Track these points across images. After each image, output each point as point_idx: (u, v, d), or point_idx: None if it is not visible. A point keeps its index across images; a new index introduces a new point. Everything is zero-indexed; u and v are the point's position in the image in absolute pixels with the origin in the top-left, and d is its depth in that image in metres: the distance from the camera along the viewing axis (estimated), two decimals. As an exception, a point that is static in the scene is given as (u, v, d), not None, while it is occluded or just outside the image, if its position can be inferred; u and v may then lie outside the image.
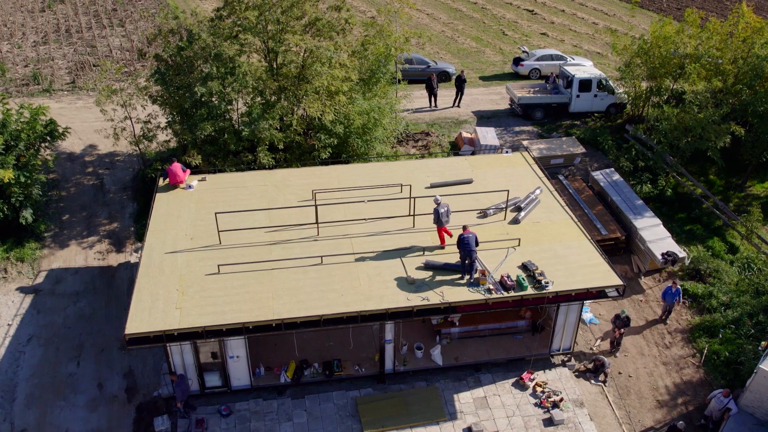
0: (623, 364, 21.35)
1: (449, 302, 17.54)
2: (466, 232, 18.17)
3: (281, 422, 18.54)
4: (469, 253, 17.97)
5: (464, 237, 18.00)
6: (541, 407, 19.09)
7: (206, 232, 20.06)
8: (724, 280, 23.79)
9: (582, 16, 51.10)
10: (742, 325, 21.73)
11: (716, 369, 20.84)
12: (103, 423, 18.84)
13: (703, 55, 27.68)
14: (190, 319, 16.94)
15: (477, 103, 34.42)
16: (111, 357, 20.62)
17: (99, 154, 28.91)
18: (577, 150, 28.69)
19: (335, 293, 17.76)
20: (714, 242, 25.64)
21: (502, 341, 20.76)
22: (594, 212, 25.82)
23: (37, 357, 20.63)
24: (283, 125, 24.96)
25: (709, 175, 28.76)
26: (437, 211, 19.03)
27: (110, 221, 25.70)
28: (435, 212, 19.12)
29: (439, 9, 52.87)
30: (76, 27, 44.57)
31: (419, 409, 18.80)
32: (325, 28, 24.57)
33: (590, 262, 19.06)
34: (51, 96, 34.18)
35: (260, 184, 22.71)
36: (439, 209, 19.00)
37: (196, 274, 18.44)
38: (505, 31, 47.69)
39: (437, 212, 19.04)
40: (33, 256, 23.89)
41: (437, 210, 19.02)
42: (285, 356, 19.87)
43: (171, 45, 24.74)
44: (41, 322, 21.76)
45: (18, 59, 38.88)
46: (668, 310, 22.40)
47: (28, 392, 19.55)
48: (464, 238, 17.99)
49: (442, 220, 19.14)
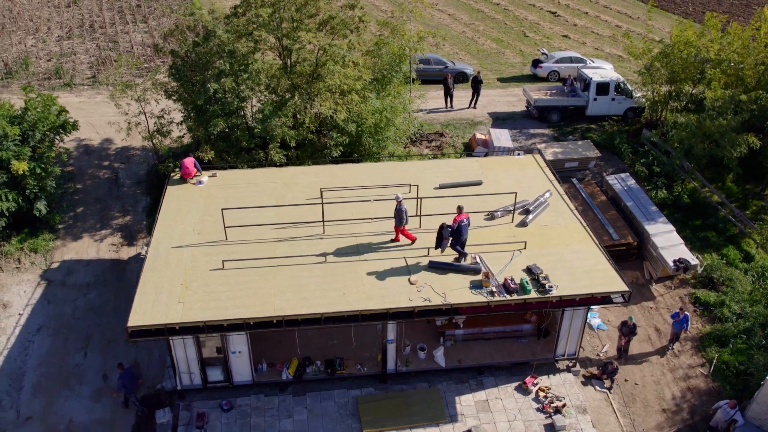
0: (630, 371, 21.06)
1: (451, 303, 17.45)
2: (463, 216, 18.24)
3: (281, 419, 18.60)
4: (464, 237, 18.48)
5: (464, 224, 18.31)
6: (543, 412, 18.91)
7: (213, 228, 20.20)
8: (737, 289, 23.34)
9: (605, 19, 50.53)
10: (753, 336, 21.31)
11: (725, 379, 20.46)
12: (106, 414, 19.08)
13: (724, 60, 27.17)
14: (192, 313, 17.07)
15: (493, 105, 34.21)
16: (117, 349, 20.86)
17: (115, 148, 29.29)
18: (592, 154, 28.36)
19: (337, 292, 17.78)
20: (729, 250, 25.16)
21: (506, 344, 20.60)
22: (607, 217, 25.50)
23: (46, 347, 20.94)
24: (296, 123, 25.04)
25: (726, 182, 28.24)
26: (400, 210, 18.89)
27: (123, 215, 26.01)
28: (397, 212, 18.95)
29: (460, 9, 52.64)
30: (99, 22, 45.17)
31: (420, 410, 18.74)
32: (338, 27, 24.60)
33: (597, 267, 18.84)
34: (72, 90, 34.70)
35: (270, 181, 22.80)
36: (401, 207, 18.88)
37: (201, 269, 18.59)
38: (527, 32, 47.33)
39: (400, 211, 18.90)
40: (46, 247, 24.27)
41: (400, 209, 18.88)
42: (288, 353, 19.92)
43: (187, 41, 24.96)
44: (51, 313, 22.10)
45: (42, 53, 39.54)
46: (675, 337, 21.33)
47: (35, 381, 19.87)
48: (464, 225, 18.31)
49: (402, 219, 19.03)
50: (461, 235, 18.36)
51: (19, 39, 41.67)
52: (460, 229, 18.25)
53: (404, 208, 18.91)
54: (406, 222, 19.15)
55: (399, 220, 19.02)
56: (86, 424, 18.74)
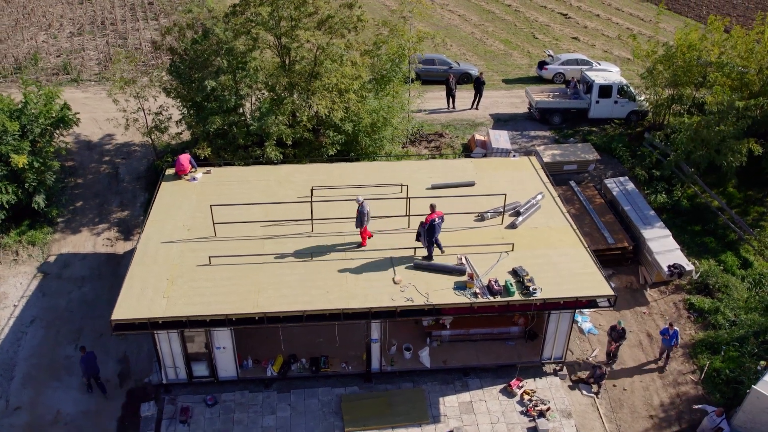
0: (619, 376, 20.87)
1: (433, 304, 17.43)
2: (437, 214, 18.27)
3: (264, 415, 18.70)
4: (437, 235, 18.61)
5: (436, 223, 18.30)
6: (527, 416, 18.81)
7: (203, 224, 20.34)
8: (732, 296, 23.05)
9: (616, 21, 50.10)
10: (746, 344, 21.03)
11: (715, 387, 20.22)
12: (93, 405, 19.31)
13: (726, 64, 26.82)
14: (176, 308, 17.22)
15: (496, 106, 34.07)
16: (108, 342, 21.06)
17: (117, 143, 29.59)
18: (591, 157, 28.13)
19: (320, 290, 17.83)
20: (727, 256, 24.83)
21: (493, 346, 20.52)
22: (603, 220, 25.30)
23: (38, 338, 21.23)
24: (293, 121, 25.13)
25: (728, 187, 27.87)
26: (361, 212, 18.87)
27: (121, 209, 26.28)
28: (359, 213, 18.93)
29: (471, 10, 52.50)
30: (111, 19, 45.66)
31: (403, 410, 18.73)
32: (336, 26, 24.66)
33: (583, 270, 18.69)
34: (78, 86, 35.12)
35: (263, 179, 22.92)
36: (363, 209, 18.86)
37: (188, 265, 18.73)
38: (536, 34, 47.06)
39: (362, 213, 18.88)
40: (44, 240, 24.60)
41: (362, 211, 18.86)
42: (274, 350, 20.00)
43: (186, 39, 25.17)
44: (45, 305, 22.40)
45: (52, 49, 40.06)
46: (665, 353, 20.84)
47: (25, 372, 20.15)
48: (437, 224, 18.34)
49: (364, 221, 19.03)
50: (434, 233, 18.38)
51: (31, 35, 42.26)
52: (433, 228, 18.26)
53: (366, 209, 18.92)
54: (367, 222, 19.18)
55: (360, 222, 19.05)
56: (73, 415, 18.98)
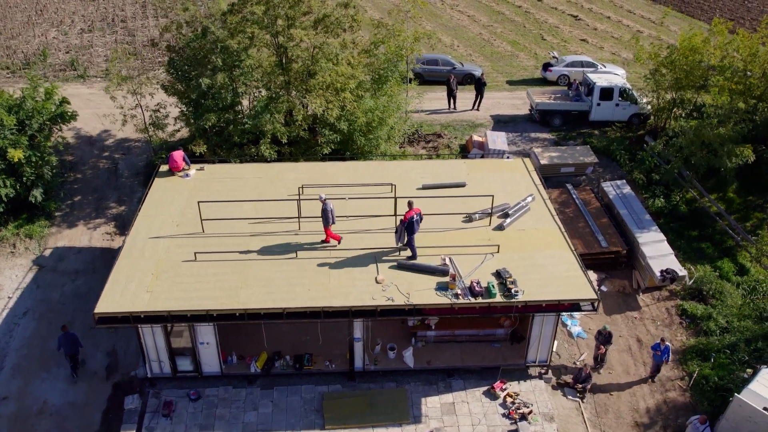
0: (606, 381, 20.72)
1: (413, 304, 17.42)
2: (415, 211, 18.28)
3: (246, 411, 18.80)
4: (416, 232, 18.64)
5: (414, 219, 18.29)
6: (509, 418, 18.73)
7: (192, 220, 20.49)
8: (726, 302, 22.76)
9: (627, 24, 49.65)
10: (737, 351, 20.77)
11: (703, 394, 19.98)
12: (80, 397, 19.55)
13: (728, 67, 26.48)
14: (158, 302, 17.38)
15: (497, 107, 33.93)
16: (98, 335, 21.29)
17: (117, 139, 29.91)
18: (589, 160, 27.93)
19: (303, 287, 17.90)
20: (723, 263, 24.52)
21: (478, 348, 20.45)
22: (598, 224, 25.11)
23: (30, 330, 21.53)
24: (289, 120, 25.23)
25: (728, 192, 27.52)
26: (326, 210, 18.84)
27: (119, 204, 26.56)
28: (324, 212, 18.90)
29: (481, 11, 52.36)
30: (122, 16, 46.20)
31: (384, 410, 18.74)
32: (332, 25, 24.72)
33: (568, 273, 18.58)
34: (84, 82, 35.56)
35: (256, 176, 23.04)
36: (327, 207, 18.84)
37: (174, 260, 18.89)
38: (545, 35, 46.80)
39: (326, 211, 18.86)
40: (41, 233, 24.93)
41: (325, 209, 18.84)
42: (259, 346, 20.09)
43: (185, 37, 25.37)
44: (39, 297, 22.70)
45: (62, 45, 40.60)
46: (657, 368, 20.39)
47: (15, 362, 20.46)
48: (416, 221, 18.34)
49: (329, 219, 19.02)
50: (413, 230, 18.40)
51: (42, 31, 42.87)
52: (412, 225, 18.27)
53: (330, 207, 18.93)
54: (333, 222, 19.18)
55: (326, 221, 19.07)
56: (59, 406, 19.23)
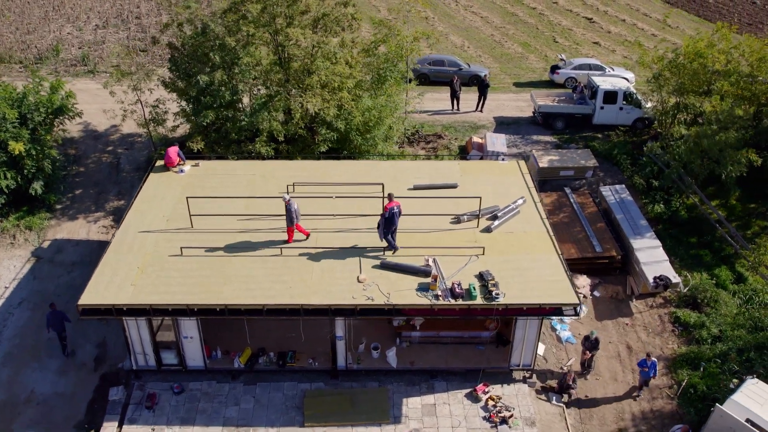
0: (592, 387, 20.54)
1: (393, 304, 17.41)
2: (394, 203, 18.32)
3: (228, 406, 18.95)
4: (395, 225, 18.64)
5: (395, 211, 18.36)
6: (489, 421, 18.63)
7: (183, 216, 20.65)
8: (720, 311, 22.40)
9: (642, 27, 49.05)
10: (728, 360, 20.44)
11: (690, 403, 19.72)
12: (68, 387, 19.88)
13: (733, 72, 26.05)
14: (141, 296, 17.58)
15: (501, 109, 33.75)
16: (89, 327, 21.61)
17: (121, 134, 30.30)
18: (589, 163, 27.66)
19: (284, 285, 17.98)
20: (721, 271, 24.16)
21: (463, 350, 20.38)
22: (594, 228, 24.89)
23: (24, 320, 21.93)
24: (288, 118, 25.35)
25: (730, 199, 27.07)
26: (290, 209, 18.90)
27: (118, 198, 26.92)
28: (288, 211, 18.96)
29: (494, 12, 52.10)
30: (137, 13, 46.76)
31: (364, 409, 18.76)
32: (331, 24, 24.80)
33: (552, 277, 18.42)
34: (94, 77, 36.06)
35: (249, 173, 23.19)
36: (291, 207, 18.89)
37: (161, 255, 19.09)
38: (557, 38, 46.44)
39: (290, 211, 18.91)
40: (41, 225, 25.37)
41: (289, 209, 18.89)
42: (243, 342, 20.22)
43: (185, 34, 25.62)
44: (35, 288, 23.11)
45: (75, 41, 41.22)
46: (644, 383, 20.03)
47: (7, 351, 20.85)
48: (395, 213, 18.37)
49: (293, 218, 19.07)
50: (392, 223, 18.43)
51: (58, 27, 43.56)
52: (392, 217, 18.29)
53: (293, 207, 18.99)
54: (297, 220, 19.25)
55: (290, 220, 19.13)
56: (46, 396, 19.58)
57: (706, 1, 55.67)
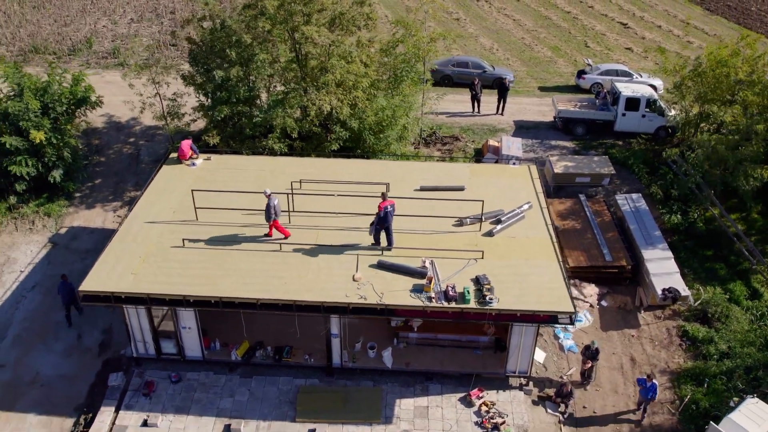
0: (592, 398, 20.18)
1: (385, 304, 17.40)
2: (388, 202, 18.40)
3: (223, 397, 19.19)
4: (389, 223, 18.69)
5: (388, 210, 18.43)
6: (481, 427, 18.48)
7: (189, 208, 20.99)
8: (731, 327, 21.78)
9: (677, 34, 47.93)
10: (734, 378, 19.87)
11: (692, 419, 19.22)
12: (71, 370, 20.38)
13: (758, 82, 25.30)
14: (140, 285, 17.95)
15: (523, 113, 33.41)
16: (96, 313, 22.11)
17: (143, 126, 30.94)
18: (606, 170, 27.18)
19: (280, 280, 18.13)
20: (736, 285, 23.46)
21: (460, 354, 20.24)
22: (606, 237, 24.44)
23: (35, 303, 22.57)
24: (303, 115, 25.55)
25: (751, 213, 26.30)
26: (269, 205, 18.95)
27: (136, 189, 27.48)
28: (267, 207, 19.03)
29: (528, 15, 51.58)
30: (171, 8, 47.67)
31: (357, 408, 18.80)
32: (347, 23, 24.90)
33: (550, 285, 18.17)
34: (123, 70, 36.76)
35: (260, 169, 23.45)
36: (271, 202, 18.93)
37: (164, 246, 19.45)
38: (589, 42, 45.73)
39: (269, 206, 18.96)
40: (59, 212, 26.07)
41: (269, 204, 18.94)
42: (242, 335, 20.44)
43: (205, 30, 26.05)
44: (48, 273, 23.76)
45: (109, 34, 42.25)
46: (643, 405, 19.27)
47: (17, 333, 21.49)
48: (389, 212, 18.44)
49: (271, 214, 19.13)
50: (386, 221, 18.47)
51: (93, 20, 44.69)
52: (386, 216, 18.31)
53: (273, 203, 19.08)
54: (277, 216, 19.32)
55: (268, 216, 19.22)
56: (50, 378, 20.11)
57: (748, 9, 54.16)
